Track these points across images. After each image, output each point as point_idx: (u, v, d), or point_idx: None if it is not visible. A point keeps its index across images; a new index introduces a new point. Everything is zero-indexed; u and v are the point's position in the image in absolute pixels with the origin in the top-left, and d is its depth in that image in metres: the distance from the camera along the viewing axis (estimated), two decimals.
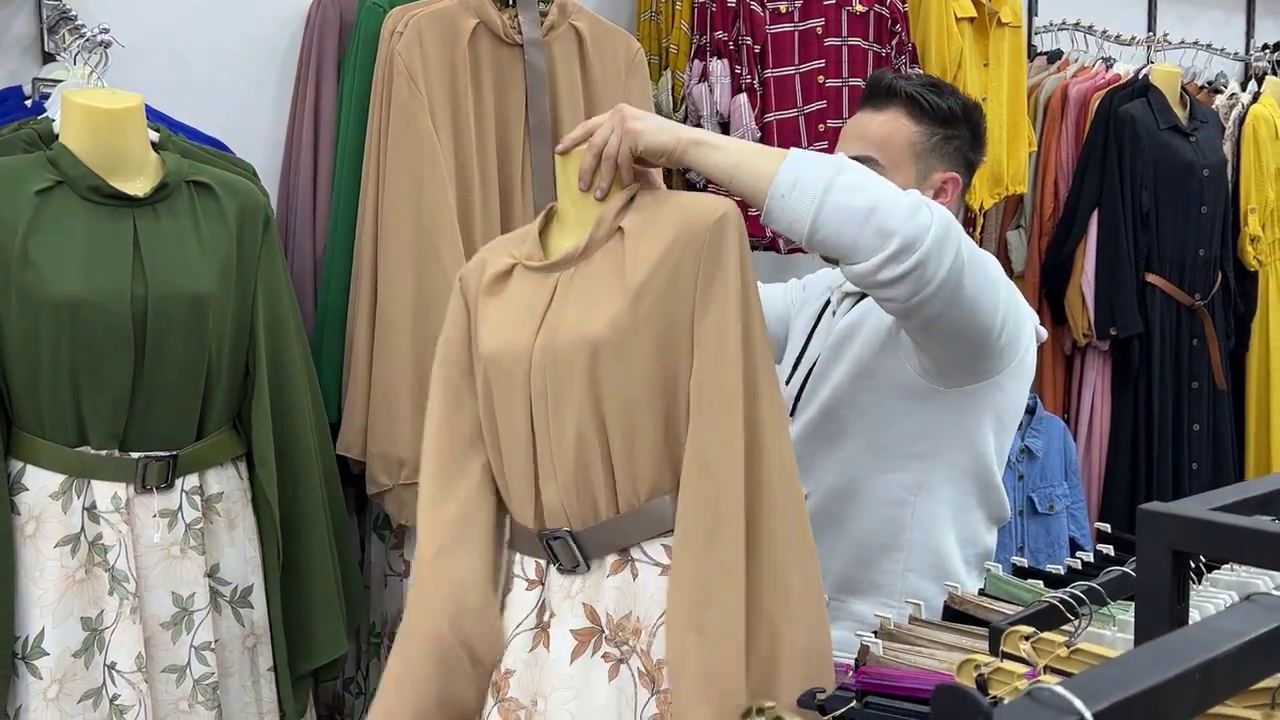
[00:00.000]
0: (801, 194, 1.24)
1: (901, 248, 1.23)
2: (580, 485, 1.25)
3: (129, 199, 1.49)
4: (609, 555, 1.25)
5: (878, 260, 1.24)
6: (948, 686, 0.50)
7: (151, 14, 1.94)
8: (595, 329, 1.23)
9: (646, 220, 1.27)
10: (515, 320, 1.30)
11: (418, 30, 1.84)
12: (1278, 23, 3.95)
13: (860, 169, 1.29)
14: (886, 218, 1.23)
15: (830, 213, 1.24)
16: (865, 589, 1.55)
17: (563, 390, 1.24)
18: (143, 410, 1.48)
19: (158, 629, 1.49)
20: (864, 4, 2.35)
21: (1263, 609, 0.64)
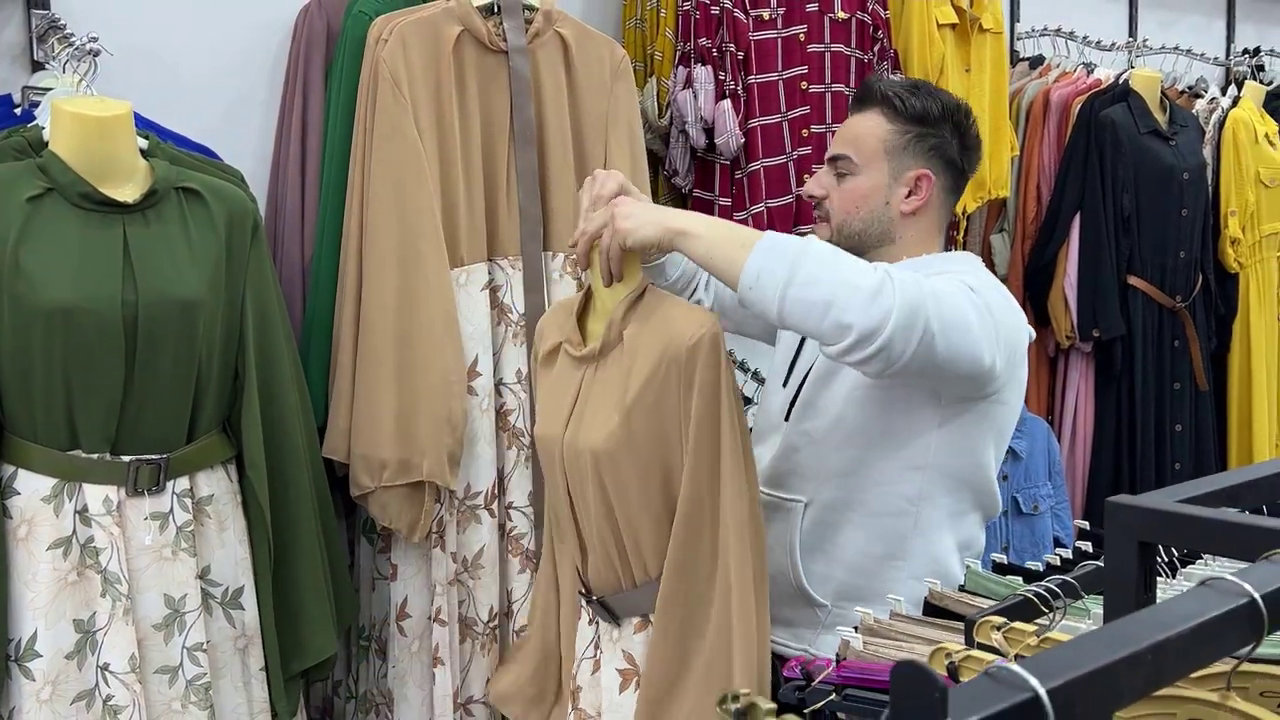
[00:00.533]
0: (764, 287, 1.32)
1: (859, 339, 1.30)
2: (605, 562, 1.47)
3: (119, 205, 1.50)
4: (634, 617, 1.46)
5: (839, 349, 1.32)
6: (906, 664, 0.52)
7: (140, 22, 1.96)
8: (595, 440, 1.40)
9: (641, 332, 1.41)
10: (553, 408, 1.49)
11: (402, 37, 1.86)
12: (1258, 28, 3.99)
13: (824, 255, 1.35)
14: (843, 312, 1.30)
15: (791, 306, 1.32)
16: (868, 597, 1.54)
17: (584, 486, 1.44)
18: (134, 414, 1.49)
19: (150, 630, 1.50)
20: (846, 10, 2.38)
21: (1217, 593, 0.66)
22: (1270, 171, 3.08)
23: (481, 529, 1.88)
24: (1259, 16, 4.02)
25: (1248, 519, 0.88)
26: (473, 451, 1.86)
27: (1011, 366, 1.50)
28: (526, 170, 1.94)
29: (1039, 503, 2.59)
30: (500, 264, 1.93)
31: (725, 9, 2.30)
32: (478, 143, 1.93)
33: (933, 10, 2.57)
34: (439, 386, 1.80)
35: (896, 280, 1.32)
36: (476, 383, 1.87)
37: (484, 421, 1.87)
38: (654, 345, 1.38)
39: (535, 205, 1.95)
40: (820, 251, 1.35)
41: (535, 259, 1.95)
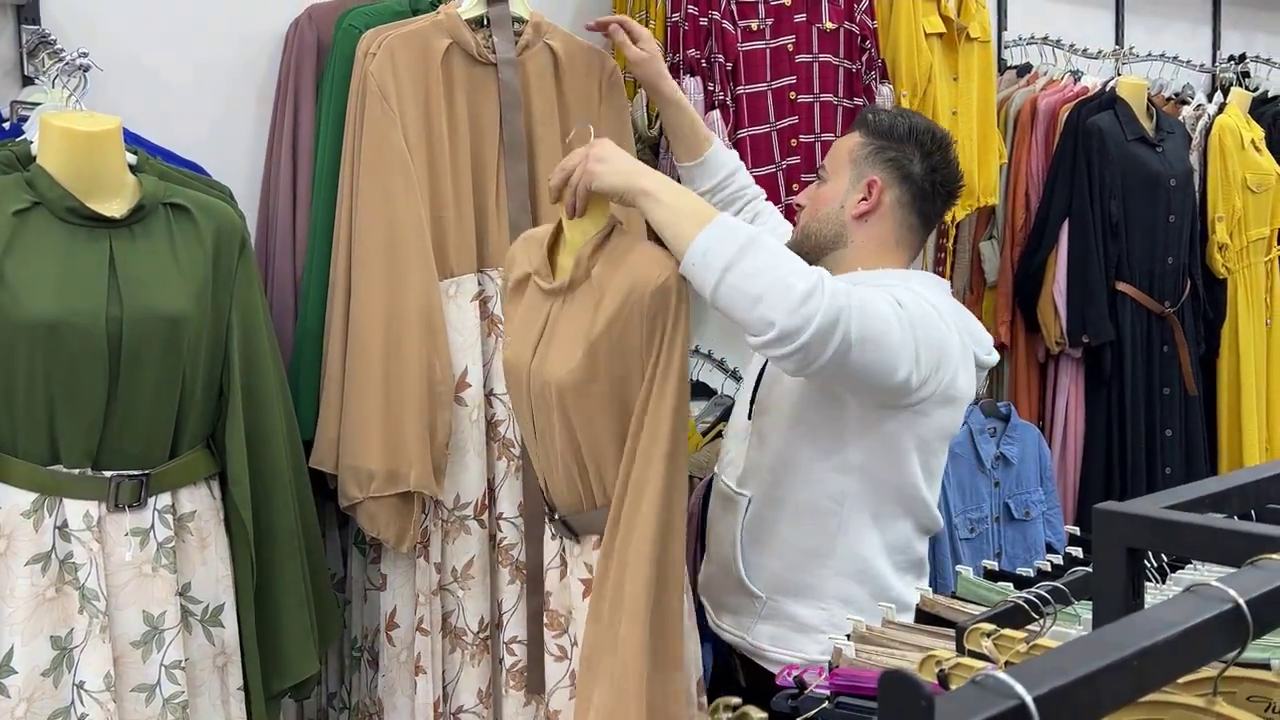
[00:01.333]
0: (706, 267, 1.40)
1: (779, 337, 1.39)
2: (567, 484, 1.52)
3: (106, 220, 1.50)
4: (592, 535, 1.52)
5: (759, 341, 1.42)
6: (892, 673, 0.52)
7: (129, 37, 1.96)
8: (560, 373, 1.46)
9: (610, 271, 1.46)
10: (521, 336, 1.54)
11: (391, 51, 1.86)
12: (1244, 35, 4.02)
13: (770, 252, 1.43)
14: (770, 309, 1.39)
15: (725, 291, 1.40)
16: (798, 590, 1.68)
17: (547, 413, 1.50)
18: (116, 429, 1.48)
19: (128, 648, 1.49)
20: (834, 21, 2.39)
21: (1202, 600, 0.66)
22: (1257, 177, 3.10)
23: (471, 539, 1.87)
24: (1245, 23, 4.04)
25: (1234, 525, 0.88)
26: (462, 462, 1.86)
27: (930, 383, 1.56)
28: (516, 182, 1.94)
29: (1030, 508, 2.60)
30: (491, 275, 1.93)
31: (714, 20, 2.31)
32: (467, 154, 1.93)
33: (920, 19, 2.58)
34: (425, 397, 1.80)
35: (828, 287, 1.40)
36: (466, 394, 1.87)
37: (473, 432, 1.87)
38: (621, 284, 1.43)
39: (525, 217, 1.95)
40: (769, 246, 1.43)
41: None
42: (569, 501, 1.54)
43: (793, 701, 1.17)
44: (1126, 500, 0.91)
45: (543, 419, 1.51)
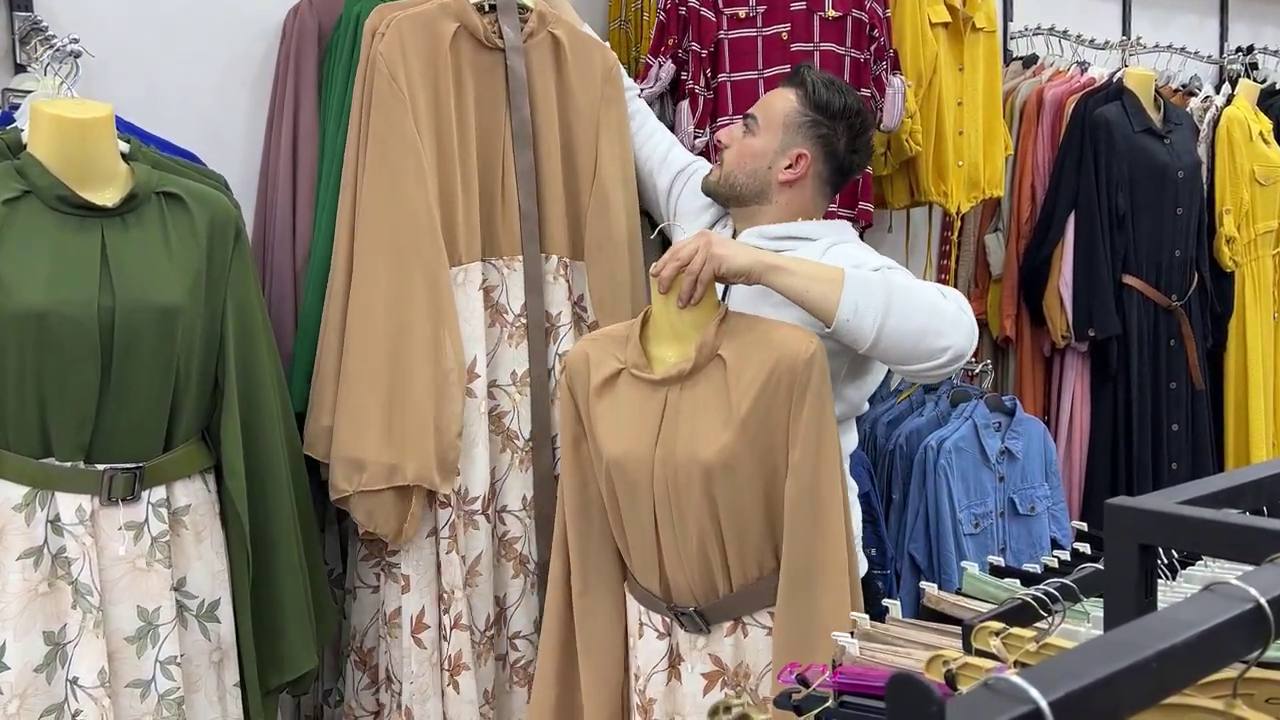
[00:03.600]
0: (863, 319, 1.52)
1: (954, 358, 1.55)
2: (702, 572, 1.54)
3: (97, 209, 1.48)
4: (726, 621, 1.56)
5: (933, 365, 1.55)
6: (902, 675, 0.49)
7: (123, 24, 1.93)
8: (708, 454, 1.49)
9: (743, 350, 1.52)
10: (632, 429, 1.56)
11: (400, 31, 1.82)
12: (1250, 26, 3.98)
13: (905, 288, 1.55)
14: (937, 338, 1.54)
15: (889, 335, 1.53)
16: None
17: (684, 499, 1.52)
18: (109, 422, 1.46)
19: (122, 643, 1.47)
20: (839, 9, 2.35)
21: (1221, 599, 0.64)
22: (1265, 169, 3.07)
23: (479, 534, 1.84)
24: (1252, 15, 4.00)
25: (1250, 520, 0.85)
26: (470, 455, 1.82)
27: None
28: (525, 170, 1.93)
29: (1035, 504, 2.57)
30: (496, 264, 1.91)
31: (691, 8, 2.28)
32: (474, 140, 1.91)
33: (926, 9, 2.54)
34: (431, 387, 1.75)
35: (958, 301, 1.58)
36: (475, 385, 1.84)
37: (482, 424, 1.84)
38: (764, 361, 1.50)
39: (533, 206, 1.93)
40: (901, 283, 1.56)
41: (535, 260, 1.94)
42: (703, 590, 1.55)
43: (795, 699, 1.14)
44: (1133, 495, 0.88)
45: (676, 509, 1.53)
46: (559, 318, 1.95)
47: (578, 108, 1.97)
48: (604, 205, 1.96)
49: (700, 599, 1.55)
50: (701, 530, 1.52)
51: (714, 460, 1.49)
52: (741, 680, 1.56)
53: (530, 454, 1.90)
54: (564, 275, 1.96)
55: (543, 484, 1.91)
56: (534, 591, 1.90)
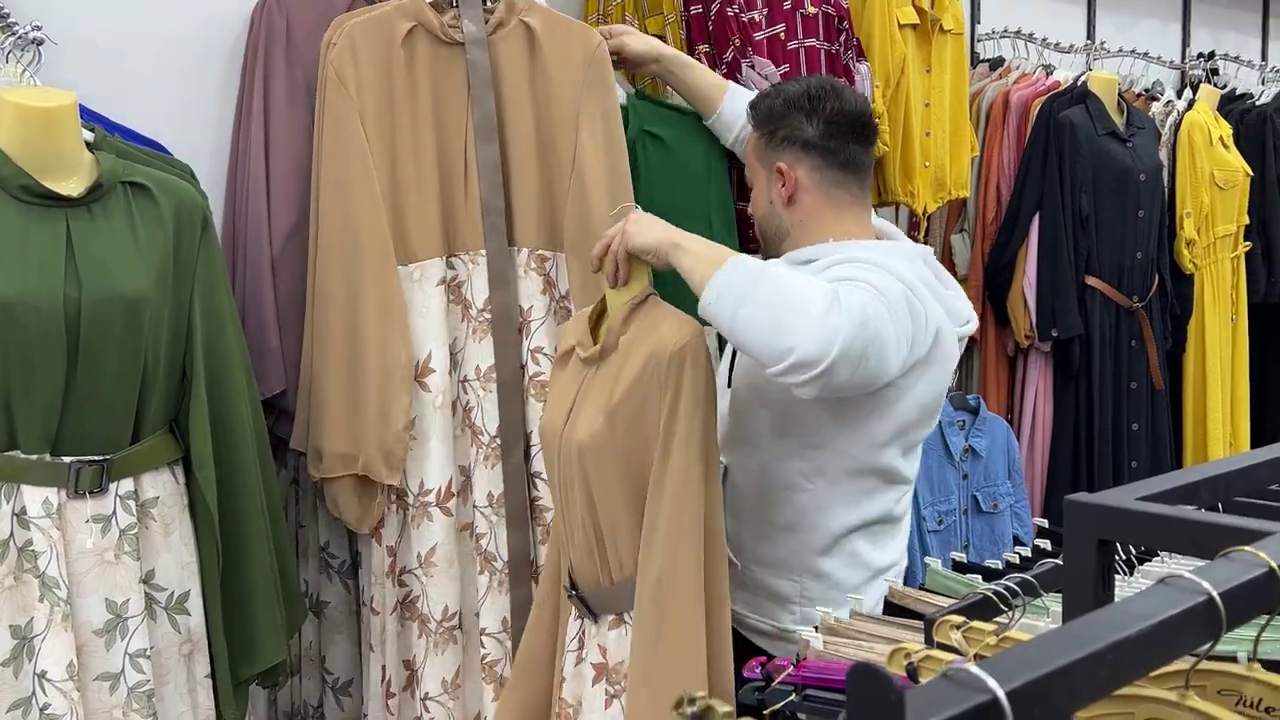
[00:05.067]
0: (723, 304, 1.42)
1: (798, 363, 1.37)
2: (585, 556, 1.52)
3: (62, 199, 1.46)
4: (609, 614, 1.51)
5: (778, 369, 1.39)
6: (861, 666, 0.50)
7: (87, 11, 1.91)
8: (581, 436, 1.48)
9: (634, 340, 1.49)
10: (557, 405, 1.56)
11: (350, 38, 1.87)
12: (1212, 32, 4.05)
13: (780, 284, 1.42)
14: (784, 338, 1.37)
15: (741, 326, 1.41)
16: (772, 564, 1.68)
17: (570, 480, 1.51)
18: (76, 414, 1.45)
19: (90, 636, 1.46)
20: (814, 5, 2.38)
21: (1175, 591, 0.65)
22: (1224, 174, 3.12)
23: (434, 527, 1.86)
24: (1214, 21, 4.07)
25: (1206, 517, 0.87)
26: (425, 449, 1.85)
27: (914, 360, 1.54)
28: (488, 164, 1.92)
29: (998, 501, 2.60)
30: (462, 259, 1.91)
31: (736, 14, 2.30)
32: (431, 137, 1.91)
33: (894, 10, 2.57)
34: (380, 382, 1.82)
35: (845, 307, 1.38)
36: (430, 379, 1.86)
37: (437, 418, 1.86)
38: (643, 350, 1.46)
39: (498, 199, 1.93)
40: (781, 278, 1.43)
41: (500, 254, 1.93)
42: (588, 576, 1.53)
43: (759, 695, 1.15)
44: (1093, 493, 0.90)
45: (566, 487, 1.53)
46: (531, 311, 1.94)
47: (556, 95, 1.94)
48: (582, 194, 1.93)
49: (588, 586, 1.53)
50: (582, 516, 1.50)
51: (585, 444, 1.47)
52: (622, 679, 1.48)
53: (498, 451, 1.90)
54: (538, 268, 1.95)
55: (512, 481, 1.90)
56: (501, 590, 1.90)
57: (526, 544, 1.91)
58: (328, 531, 2.01)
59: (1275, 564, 0.68)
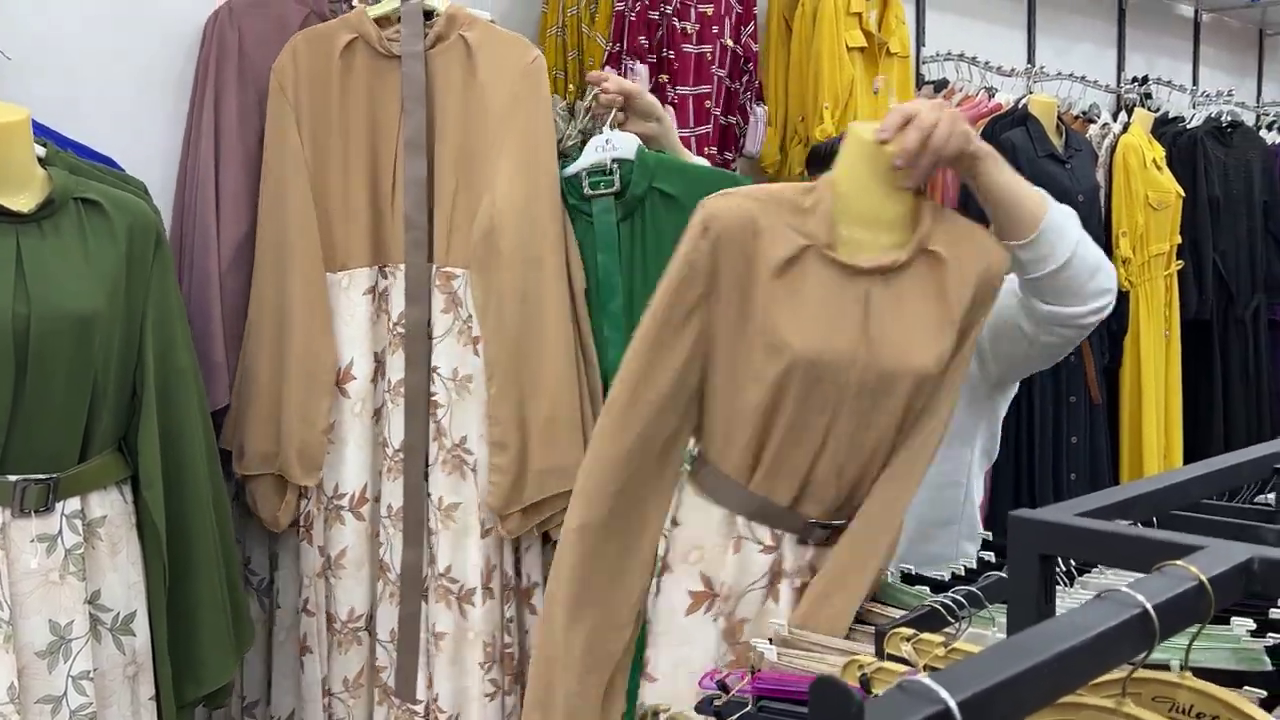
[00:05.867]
0: (1060, 237, 1.36)
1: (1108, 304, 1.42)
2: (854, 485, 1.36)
3: (13, 215, 1.45)
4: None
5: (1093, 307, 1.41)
6: (824, 679, 0.53)
7: (39, 26, 1.89)
8: (922, 362, 1.29)
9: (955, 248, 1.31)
10: (829, 323, 1.30)
11: (293, 47, 1.93)
12: (1145, 58, 4.19)
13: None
14: (1106, 278, 1.41)
15: (1078, 262, 1.37)
16: (923, 560, 1.58)
17: (880, 409, 1.31)
18: (23, 431, 1.43)
19: (33, 658, 1.43)
20: (731, 39, 2.44)
21: (1113, 605, 0.69)
22: (1158, 195, 3.23)
23: (345, 530, 1.91)
24: (1146, 47, 4.21)
25: (1141, 532, 0.92)
26: (341, 454, 1.91)
27: None
28: (414, 179, 1.93)
29: None
30: (387, 271, 1.94)
31: (665, 15, 2.33)
32: (363, 148, 1.94)
33: (843, 33, 2.63)
34: (303, 384, 1.87)
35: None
36: (350, 386, 1.91)
37: (356, 425, 1.91)
38: (974, 264, 1.29)
39: (421, 214, 1.93)
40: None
41: (417, 269, 1.93)
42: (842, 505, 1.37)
43: (716, 705, 1.18)
44: (1035, 506, 0.94)
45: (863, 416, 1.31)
46: (433, 327, 1.94)
47: (487, 111, 1.92)
48: (489, 214, 1.89)
49: (832, 513, 1.37)
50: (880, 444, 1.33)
51: (929, 369, 1.28)
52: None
53: (400, 463, 1.92)
54: (443, 285, 1.93)
55: (411, 497, 1.92)
56: (392, 601, 1.92)
57: (419, 561, 1.92)
58: (251, 547, 2.02)
59: (1205, 578, 0.72)
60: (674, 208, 1.92)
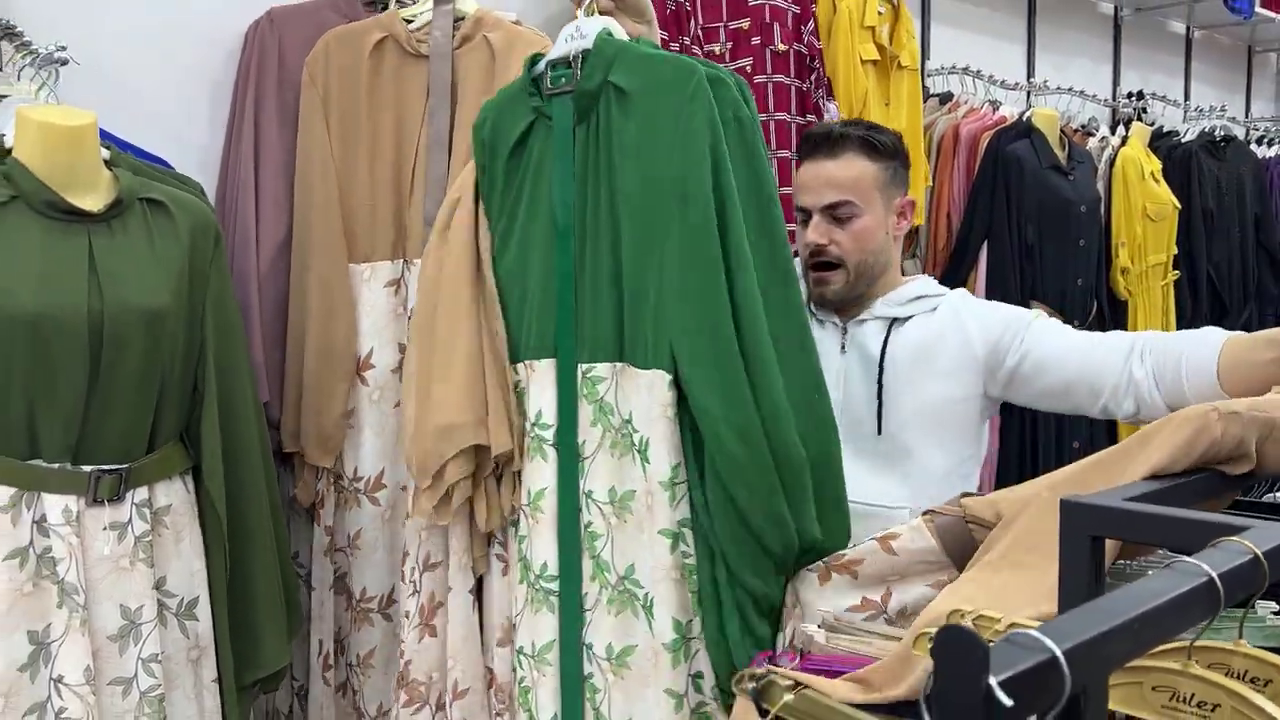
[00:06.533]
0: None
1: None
2: None
3: (84, 215, 1.50)
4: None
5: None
6: (951, 627, 0.60)
7: (84, 30, 1.94)
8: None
9: None
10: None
11: (326, 44, 1.99)
12: (1141, 74, 4.30)
13: None
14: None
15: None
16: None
17: None
18: (96, 424, 1.48)
19: (105, 641, 1.49)
20: (785, 43, 2.50)
21: (1182, 574, 0.76)
22: (1155, 206, 3.32)
23: (361, 513, 1.97)
24: (1142, 63, 4.32)
25: (1190, 514, 0.99)
26: (359, 439, 1.96)
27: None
28: (436, 177, 1.98)
29: None
30: (412, 264, 1.99)
31: (685, 45, 2.39)
32: (389, 144, 2.00)
33: (857, 47, 2.71)
34: (320, 368, 1.94)
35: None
36: (369, 374, 1.97)
37: (373, 412, 1.97)
38: None
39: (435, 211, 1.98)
40: None
41: None
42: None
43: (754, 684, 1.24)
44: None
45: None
46: None
47: None
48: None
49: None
50: None
51: None
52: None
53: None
54: None
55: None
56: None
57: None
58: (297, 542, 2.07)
59: (1259, 551, 0.79)
60: (627, 107, 1.49)
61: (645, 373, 1.46)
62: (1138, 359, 1.59)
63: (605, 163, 1.52)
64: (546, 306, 1.55)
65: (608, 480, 1.50)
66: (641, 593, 1.48)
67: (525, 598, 1.56)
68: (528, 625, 1.55)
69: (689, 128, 1.42)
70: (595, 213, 1.52)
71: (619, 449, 1.50)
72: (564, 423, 1.53)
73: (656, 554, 1.45)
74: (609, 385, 1.51)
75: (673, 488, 1.45)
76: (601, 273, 1.51)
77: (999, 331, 1.74)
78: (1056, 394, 1.69)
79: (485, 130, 1.66)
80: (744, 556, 1.39)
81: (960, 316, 1.75)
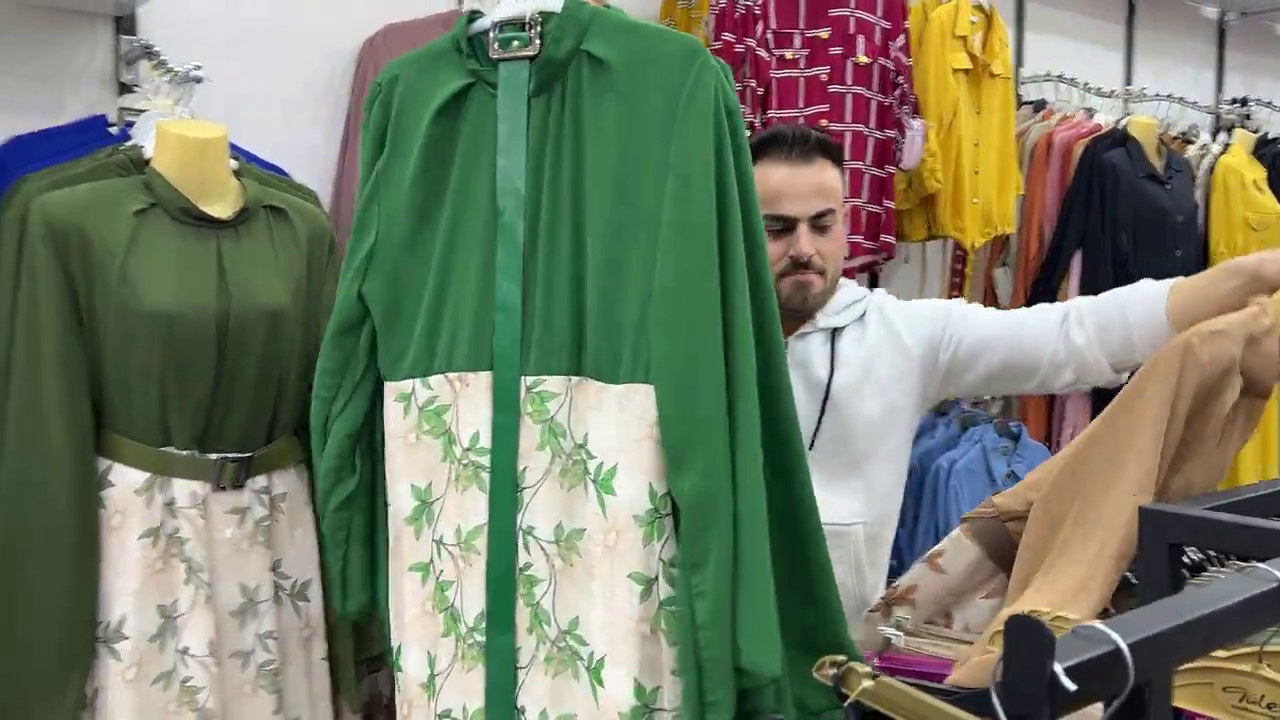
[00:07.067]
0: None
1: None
2: None
3: (214, 221, 1.62)
4: None
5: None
6: (1019, 617, 0.64)
7: (199, 48, 2.03)
8: None
9: None
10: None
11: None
12: (1244, 79, 4.19)
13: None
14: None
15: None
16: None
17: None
18: (221, 414, 1.60)
19: (227, 617, 1.60)
20: (869, 56, 2.52)
21: (1254, 579, 0.79)
22: (1258, 216, 3.25)
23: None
24: (1246, 68, 4.21)
25: (1263, 523, 1.01)
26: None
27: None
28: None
29: None
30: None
31: (750, 47, 2.45)
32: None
33: (948, 56, 2.72)
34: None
35: None
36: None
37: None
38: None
39: None
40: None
41: None
42: None
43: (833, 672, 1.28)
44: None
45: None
46: None
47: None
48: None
49: None
50: None
51: None
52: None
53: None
54: None
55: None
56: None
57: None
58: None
59: None
60: (607, 80, 1.27)
61: (615, 388, 1.23)
62: (1075, 325, 1.55)
63: (571, 143, 1.27)
64: (483, 310, 1.30)
65: (553, 515, 1.27)
66: (586, 652, 1.24)
67: (454, 653, 1.33)
68: (456, 687, 1.33)
69: (693, 112, 1.21)
70: (554, 200, 1.27)
71: (569, 478, 1.26)
72: (499, 445, 1.29)
73: (616, 604, 1.22)
74: (561, 402, 1.26)
75: (652, 524, 1.22)
76: (558, 270, 1.26)
77: (928, 327, 1.67)
78: (992, 377, 1.64)
79: (396, 89, 1.37)
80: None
81: (891, 322, 1.69)
